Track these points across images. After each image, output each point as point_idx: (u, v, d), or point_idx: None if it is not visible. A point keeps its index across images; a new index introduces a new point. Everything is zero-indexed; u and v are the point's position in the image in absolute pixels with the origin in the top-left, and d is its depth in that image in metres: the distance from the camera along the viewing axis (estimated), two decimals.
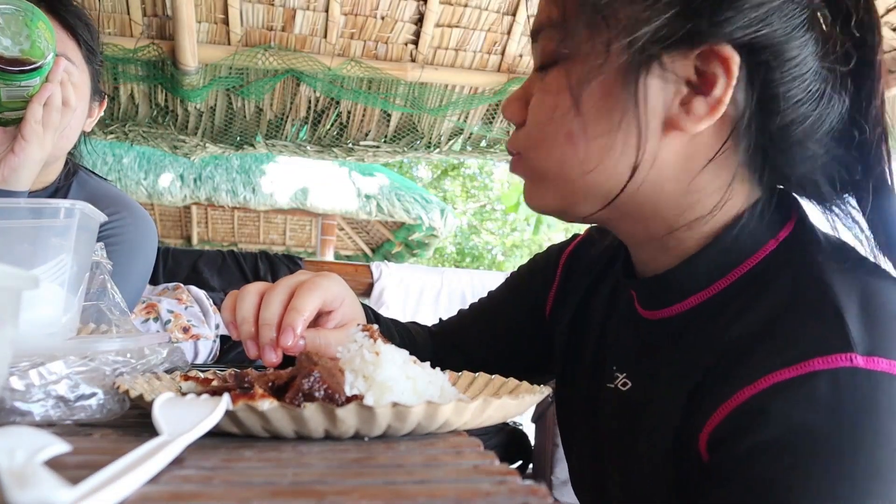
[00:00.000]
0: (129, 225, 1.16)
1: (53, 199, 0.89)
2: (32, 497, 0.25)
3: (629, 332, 0.69)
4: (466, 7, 2.68)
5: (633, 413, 0.64)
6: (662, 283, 0.63)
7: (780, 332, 0.52)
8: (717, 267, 0.60)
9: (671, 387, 0.59)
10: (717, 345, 0.56)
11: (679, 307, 0.62)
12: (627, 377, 0.67)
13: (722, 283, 0.60)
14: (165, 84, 2.61)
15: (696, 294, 0.61)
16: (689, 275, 0.61)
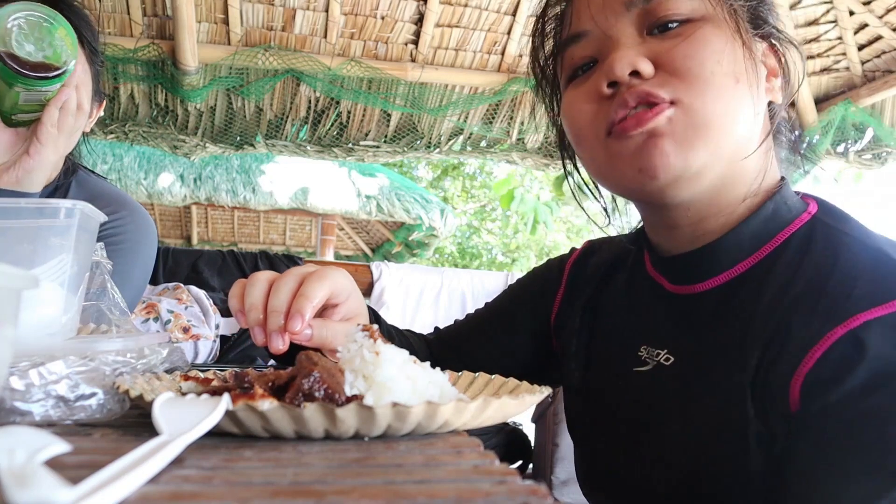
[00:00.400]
0: (129, 224, 1.16)
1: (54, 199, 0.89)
2: (32, 497, 0.25)
3: (661, 312, 0.72)
4: (466, 7, 2.68)
5: (681, 385, 0.66)
6: (702, 256, 0.68)
7: (855, 279, 0.57)
8: (761, 236, 0.66)
9: (729, 351, 0.62)
10: (780, 301, 0.60)
11: (723, 277, 0.66)
12: (669, 352, 0.69)
13: (765, 249, 0.65)
14: (165, 84, 2.61)
15: (741, 262, 0.66)
16: (735, 244, 0.66)
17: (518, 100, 2.94)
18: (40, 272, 0.58)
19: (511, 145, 3.04)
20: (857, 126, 3.30)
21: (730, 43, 0.63)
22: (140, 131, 2.74)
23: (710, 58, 0.62)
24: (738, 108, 0.63)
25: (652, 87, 0.62)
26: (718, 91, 0.62)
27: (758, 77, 0.65)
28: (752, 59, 0.64)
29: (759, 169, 0.67)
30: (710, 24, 0.64)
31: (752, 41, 0.65)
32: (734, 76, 0.62)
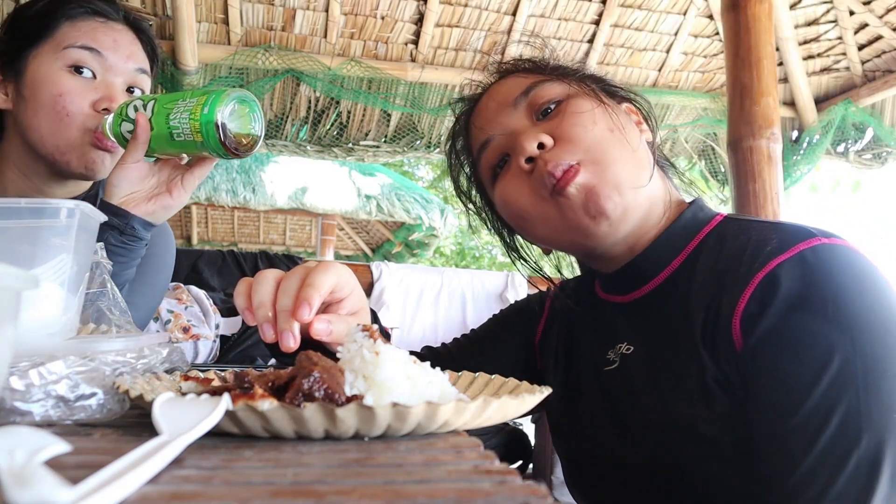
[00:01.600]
0: (156, 236, 1.16)
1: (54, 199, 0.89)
2: (32, 497, 0.25)
3: (617, 321, 0.86)
4: (466, 7, 2.68)
5: (644, 365, 0.79)
6: (639, 264, 0.83)
7: (765, 244, 0.72)
8: (683, 237, 0.82)
9: (678, 325, 0.76)
10: (710, 275, 0.75)
11: (660, 277, 0.82)
12: (629, 343, 0.83)
13: (690, 246, 0.81)
14: (165, 84, 2.61)
15: (672, 262, 0.81)
16: (665, 248, 0.82)
17: None
18: (40, 272, 0.58)
19: None
20: (857, 126, 3.30)
21: (596, 108, 0.81)
22: None
23: (587, 122, 0.79)
24: (623, 150, 0.79)
25: (559, 157, 0.77)
26: (603, 143, 0.78)
27: (628, 124, 0.82)
28: (618, 111, 0.82)
29: (663, 193, 0.84)
30: (576, 98, 0.82)
31: (612, 104, 0.84)
32: (608, 129, 0.79)
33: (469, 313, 2.96)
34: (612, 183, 0.77)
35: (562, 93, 0.83)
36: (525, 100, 0.84)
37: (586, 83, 0.84)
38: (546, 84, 0.84)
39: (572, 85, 0.83)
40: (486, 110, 0.87)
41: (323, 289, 0.63)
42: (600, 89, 0.85)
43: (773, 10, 2.50)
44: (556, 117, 0.81)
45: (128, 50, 1.08)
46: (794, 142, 3.37)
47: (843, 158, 3.39)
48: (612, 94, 0.87)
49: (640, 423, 0.77)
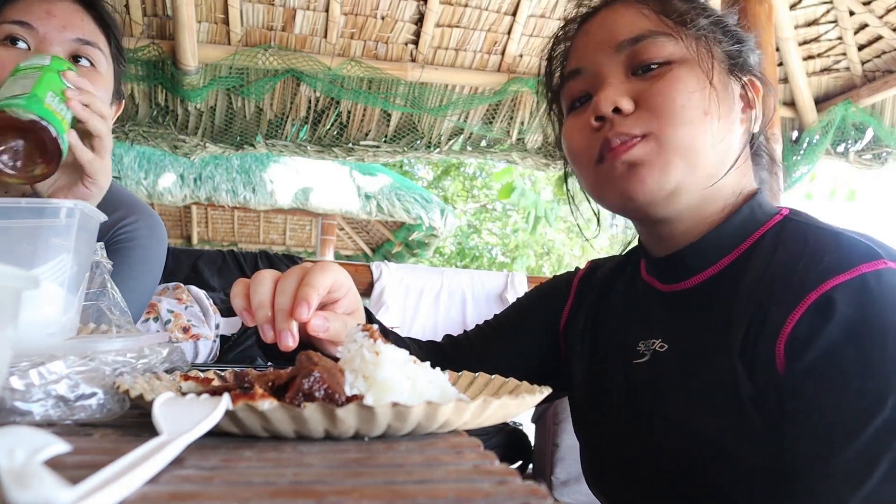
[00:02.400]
0: (142, 229, 1.16)
1: (54, 199, 0.89)
2: (32, 497, 0.25)
3: (655, 310, 0.81)
4: (466, 7, 2.68)
5: (676, 367, 0.74)
6: (689, 256, 0.77)
7: (820, 256, 0.65)
8: (739, 234, 0.76)
9: (717, 331, 0.70)
10: (759, 283, 0.69)
11: (707, 272, 0.76)
12: (663, 340, 0.78)
13: (743, 246, 0.75)
14: (165, 84, 2.61)
15: (722, 258, 0.75)
16: (716, 243, 0.76)
17: (518, 100, 2.94)
18: (40, 272, 0.58)
19: (511, 145, 3.04)
20: (857, 126, 3.30)
21: (701, 81, 0.73)
22: (140, 131, 2.75)
23: (681, 95, 0.72)
24: (707, 137, 0.72)
25: (628, 127, 0.73)
26: (687, 123, 0.72)
27: (731, 110, 0.76)
28: (725, 95, 0.75)
29: (735, 185, 0.78)
30: (685, 66, 0.74)
31: (726, 79, 0.76)
32: (703, 110, 0.72)
33: (469, 313, 2.96)
34: (665, 167, 0.72)
35: (674, 54, 0.74)
36: (630, 48, 0.75)
37: (710, 48, 0.75)
38: (661, 39, 0.74)
39: (691, 49, 0.75)
40: (589, 38, 0.80)
41: (321, 288, 0.63)
42: (725, 57, 0.77)
43: (773, 10, 2.50)
44: (654, 80, 0.74)
45: (64, 20, 1.05)
46: (794, 142, 3.37)
47: (843, 159, 3.38)
48: (737, 66, 0.78)
49: (663, 427, 0.73)
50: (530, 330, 0.96)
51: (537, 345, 0.95)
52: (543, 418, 2.50)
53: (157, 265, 1.22)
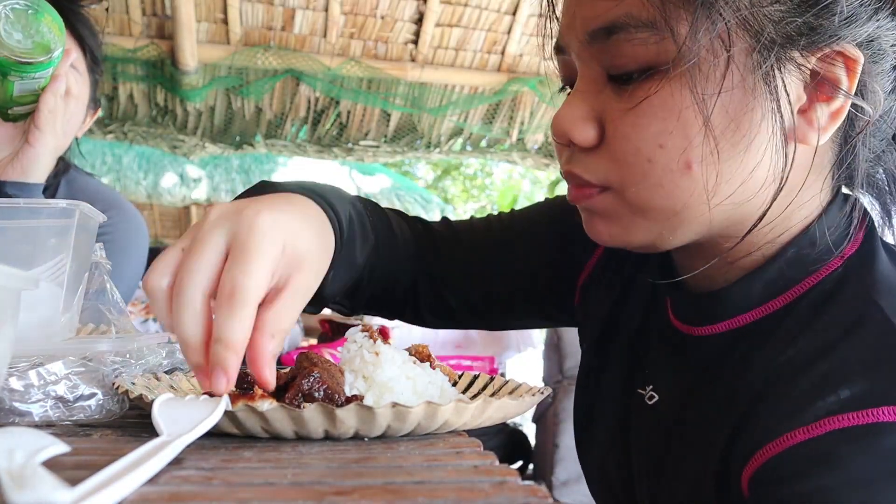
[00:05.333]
0: (118, 224, 1.15)
1: (53, 199, 0.89)
2: (32, 498, 0.25)
3: (663, 345, 0.63)
4: (466, 7, 2.68)
5: (664, 431, 0.60)
6: (709, 299, 0.57)
7: (838, 368, 0.47)
8: (776, 285, 0.54)
9: (711, 413, 0.54)
10: (766, 371, 0.51)
11: (725, 325, 0.56)
12: (654, 390, 0.62)
13: (776, 302, 0.54)
14: (165, 84, 2.61)
15: (748, 312, 0.55)
16: (744, 292, 0.55)
17: (518, 100, 2.94)
18: (39, 272, 0.57)
19: (511, 145, 3.04)
20: None
21: (690, 110, 0.47)
22: (139, 131, 2.75)
23: (649, 142, 0.49)
24: (690, 195, 0.50)
25: (582, 170, 0.53)
26: (655, 184, 0.50)
27: (761, 127, 0.48)
28: (746, 108, 0.48)
29: (803, 203, 0.53)
30: (672, 84, 0.48)
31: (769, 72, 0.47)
32: (683, 163, 0.49)
33: None
34: (630, 227, 0.54)
35: (658, 60, 0.48)
36: (603, 42, 0.50)
37: (728, 42, 0.46)
38: (640, 35, 0.47)
39: (685, 46, 0.46)
40: (566, 7, 0.54)
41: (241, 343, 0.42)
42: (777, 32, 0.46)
43: None
44: (628, 100, 0.50)
45: None
46: None
47: None
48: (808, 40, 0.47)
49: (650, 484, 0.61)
50: (543, 264, 0.76)
51: (549, 287, 0.77)
52: (544, 418, 2.50)
53: (136, 260, 1.21)
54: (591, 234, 0.57)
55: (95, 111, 1.20)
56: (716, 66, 0.47)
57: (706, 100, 0.47)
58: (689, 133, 0.48)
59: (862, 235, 0.55)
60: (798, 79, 0.48)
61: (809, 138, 0.49)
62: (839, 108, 0.49)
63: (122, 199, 1.23)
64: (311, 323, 3.04)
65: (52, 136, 0.96)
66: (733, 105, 0.48)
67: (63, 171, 1.18)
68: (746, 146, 0.49)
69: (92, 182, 1.24)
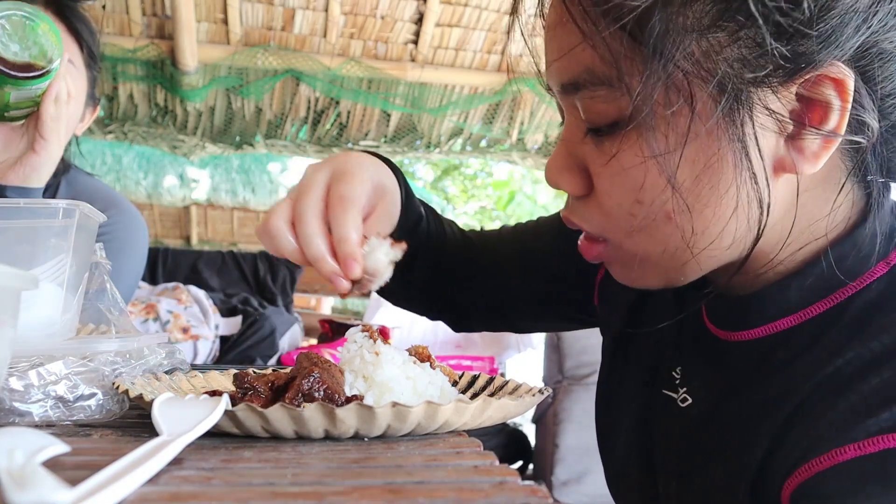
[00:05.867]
0: (117, 224, 1.16)
1: (52, 200, 0.89)
2: (32, 498, 0.25)
3: (695, 347, 0.62)
4: (466, 7, 2.68)
5: (698, 434, 0.59)
6: (747, 303, 0.56)
7: (891, 383, 0.45)
8: (815, 290, 0.52)
9: (749, 419, 0.53)
10: (809, 380, 0.49)
11: (762, 330, 0.55)
12: (688, 393, 0.61)
13: (817, 307, 0.52)
14: (165, 84, 2.61)
15: (785, 318, 0.54)
16: (781, 297, 0.53)
17: (518, 100, 2.94)
18: (39, 272, 0.57)
19: (511, 145, 3.04)
20: None
21: (654, 170, 0.47)
22: (139, 131, 2.75)
23: (627, 198, 0.49)
24: (699, 233, 0.49)
25: (580, 219, 0.55)
26: (645, 233, 0.50)
27: (758, 170, 0.47)
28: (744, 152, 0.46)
29: (818, 218, 0.52)
30: (634, 142, 0.47)
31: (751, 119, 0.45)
32: (663, 215, 0.49)
33: None
34: (638, 270, 0.54)
35: (622, 114, 0.48)
36: (573, 95, 0.50)
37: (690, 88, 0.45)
38: (600, 92, 0.48)
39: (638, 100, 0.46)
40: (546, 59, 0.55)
41: (355, 236, 0.53)
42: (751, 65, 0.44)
43: None
44: (605, 152, 0.50)
45: None
46: None
47: None
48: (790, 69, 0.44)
49: (678, 486, 0.60)
50: (564, 269, 0.78)
51: (570, 288, 0.78)
52: (544, 419, 2.50)
53: (136, 260, 1.21)
54: (617, 279, 0.57)
55: (95, 108, 1.20)
56: (676, 119, 0.46)
57: (670, 154, 0.46)
58: (659, 188, 0.48)
59: None
60: (775, 116, 0.46)
61: (803, 169, 0.47)
62: (832, 131, 0.46)
63: (122, 199, 1.23)
64: (311, 323, 3.05)
65: (56, 145, 0.96)
66: (701, 156, 0.47)
67: (63, 171, 1.18)
68: (720, 196, 0.47)
69: (92, 181, 1.24)
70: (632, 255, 0.53)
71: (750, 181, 0.47)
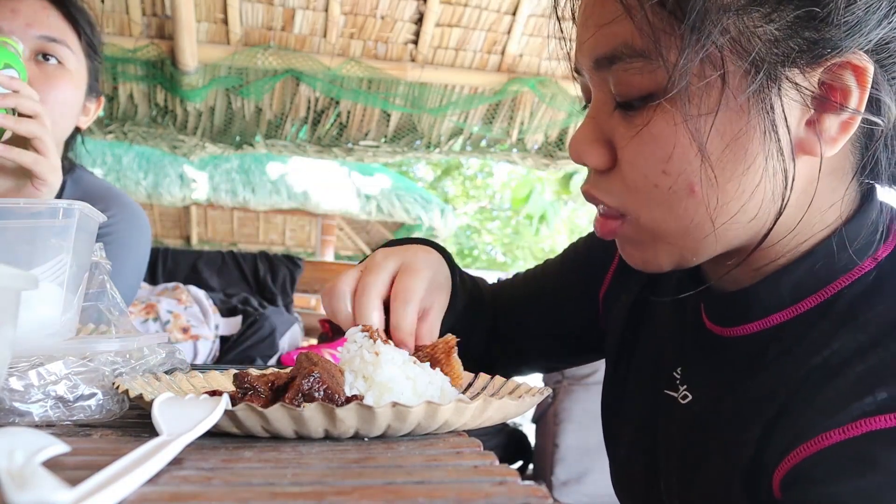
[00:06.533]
0: (121, 223, 1.15)
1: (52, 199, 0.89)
2: (32, 498, 0.25)
3: (694, 344, 0.64)
4: (466, 7, 2.68)
5: (697, 430, 0.60)
6: (741, 298, 0.58)
7: (874, 370, 0.47)
8: (806, 285, 0.54)
9: (745, 412, 0.55)
10: (798, 371, 0.51)
11: (757, 325, 0.57)
12: (688, 390, 0.63)
13: (808, 302, 0.54)
14: (165, 84, 2.61)
15: (777, 313, 0.56)
16: (773, 292, 0.55)
17: (518, 100, 2.94)
18: (39, 272, 0.57)
19: (511, 145, 3.04)
20: None
21: (685, 137, 0.49)
22: (139, 131, 2.75)
23: (654, 168, 0.51)
24: (720, 208, 0.51)
25: (601, 193, 0.56)
26: (663, 205, 0.52)
27: (784, 146, 0.49)
28: (772, 127, 0.48)
29: (825, 209, 0.54)
30: (665, 114, 0.49)
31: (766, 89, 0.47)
32: (687, 187, 0.50)
33: None
34: (653, 250, 0.56)
35: (656, 87, 0.49)
36: (608, 69, 0.52)
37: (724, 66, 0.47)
38: (637, 64, 0.50)
39: (674, 73, 0.47)
40: (578, 31, 0.57)
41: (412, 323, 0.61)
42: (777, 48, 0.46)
43: None
44: (632, 127, 0.52)
45: (28, 18, 1.04)
46: None
47: None
48: (810, 53, 0.47)
49: (679, 482, 0.62)
50: (570, 298, 0.82)
51: (577, 315, 0.82)
52: (544, 419, 2.50)
53: (138, 259, 1.21)
54: (628, 260, 0.60)
55: (99, 101, 1.19)
56: (709, 91, 0.48)
57: (701, 126, 0.49)
58: (688, 158, 0.50)
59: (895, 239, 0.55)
60: (801, 95, 0.48)
61: (818, 150, 0.49)
62: (849, 118, 0.49)
63: (127, 198, 1.24)
64: (311, 323, 3.05)
65: (54, 177, 0.89)
66: (730, 128, 0.49)
67: (69, 170, 1.18)
68: (745, 168, 0.50)
69: (97, 181, 1.25)
70: (648, 231, 0.55)
71: (777, 153, 0.49)
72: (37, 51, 1.05)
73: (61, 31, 1.07)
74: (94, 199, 1.09)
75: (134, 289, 1.25)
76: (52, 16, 1.06)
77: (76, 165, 1.22)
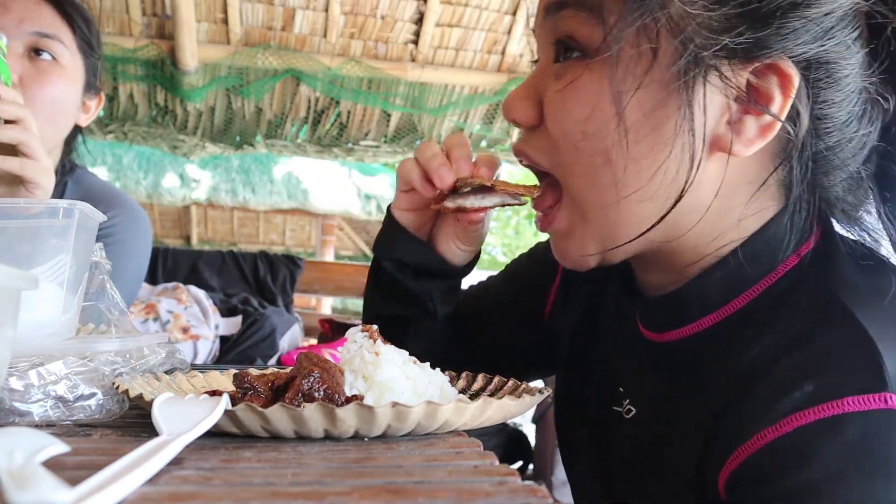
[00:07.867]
0: (122, 223, 1.15)
1: (52, 199, 0.89)
2: (32, 498, 0.25)
3: (633, 355, 0.64)
4: (466, 7, 2.68)
5: (643, 443, 0.60)
6: (670, 302, 0.58)
7: (801, 364, 0.47)
8: (732, 285, 0.54)
9: (687, 419, 0.54)
10: (732, 373, 0.51)
11: (689, 329, 0.57)
12: (631, 403, 0.62)
13: (737, 302, 0.54)
14: (165, 84, 2.61)
15: (708, 315, 0.56)
16: (701, 294, 0.56)
17: None
18: (39, 272, 0.57)
19: (511, 145, 3.04)
20: None
21: (607, 100, 0.50)
22: (139, 131, 2.75)
23: (574, 127, 0.52)
24: (624, 181, 0.51)
25: (530, 149, 0.57)
26: (586, 174, 0.53)
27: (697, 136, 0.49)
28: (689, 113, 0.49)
29: (742, 213, 0.54)
30: (591, 73, 0.51)
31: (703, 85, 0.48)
32: (603, 152, 0.51)
33: None
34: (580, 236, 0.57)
35: (591, 44, 0.51)
36: (554, 16, 0.54)
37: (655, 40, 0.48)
38: (581, 15, 0.51)
39: (609, 35, 0.49)
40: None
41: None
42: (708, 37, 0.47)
43: None
44: (562, 77, 0.53)
45: (21, 14, 1.03)
46: None
47: None
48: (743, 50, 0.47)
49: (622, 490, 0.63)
50: (517, 314, 0.81)
51: (526, 332, 0.81)
52: (544, 419, 2.49)
53: (139, 259, 1.21)
54: (558, 257, 0.60)
55: (99, 98, 1.18)
56: (639, 61, 0.49)
57: (624, 92, 0.50)
58: (606, 121, 0.50)
59: (819, 234, 0.56)
60: (726, 88, 0.49)
61: (735, 149, 0.50)
62: (769, 124, 0.49)
63: (127, 198, 1.24)
64: (311, 323, 3.05)
65: (46, 179, 0.88)
66: (650, 101, 0.50)
67: (70, 171, 1.18)
68: (656, 142, 0.50)
69: (98, 181, 1.25)
70: (578, 207, 0.55)
71: (688, 133, 0.49)
72: (30, 47, 1.04)
73: (54, 27, 1.06)
74: (95, 199, 1.09)
75: (135, 290, 1.24)
76: (44, 11, 1.06)
77: (77, 166, 1.22)
